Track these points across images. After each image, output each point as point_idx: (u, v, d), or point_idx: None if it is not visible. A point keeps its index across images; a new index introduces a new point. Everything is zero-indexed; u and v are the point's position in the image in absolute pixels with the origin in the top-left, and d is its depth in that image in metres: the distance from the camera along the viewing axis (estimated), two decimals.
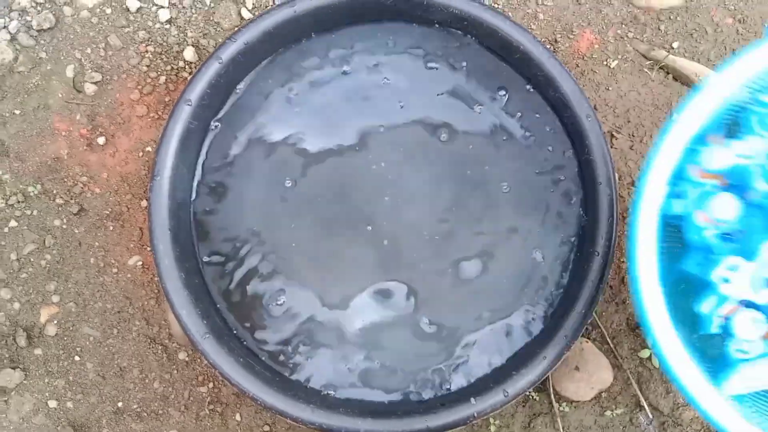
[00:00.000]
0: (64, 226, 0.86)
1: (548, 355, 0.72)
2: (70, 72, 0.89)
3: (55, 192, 0.87)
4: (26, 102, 0.88)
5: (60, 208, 0.86)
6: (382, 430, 0.69)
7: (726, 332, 0.58)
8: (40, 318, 0.84)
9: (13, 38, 0.89)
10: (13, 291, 0.84)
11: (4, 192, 0.86)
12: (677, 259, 0.63)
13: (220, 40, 0.90)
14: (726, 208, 0.59)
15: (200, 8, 0.92)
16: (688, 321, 0.59)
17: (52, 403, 0.82)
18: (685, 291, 0.62)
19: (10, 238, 0.85)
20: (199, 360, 0.84)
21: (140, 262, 0.86)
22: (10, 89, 0.88)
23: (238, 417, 0.83)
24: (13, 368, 0.82)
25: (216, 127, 0.80)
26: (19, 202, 0.86)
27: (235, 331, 0.76)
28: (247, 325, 0.76)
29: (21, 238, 0.85)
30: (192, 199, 0.79)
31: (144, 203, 0.87)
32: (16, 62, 0.89)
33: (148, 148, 0.88)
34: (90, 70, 0.90)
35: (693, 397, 0.54)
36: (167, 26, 0.92)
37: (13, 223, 0.85)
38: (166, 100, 0.90)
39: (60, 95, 0.89)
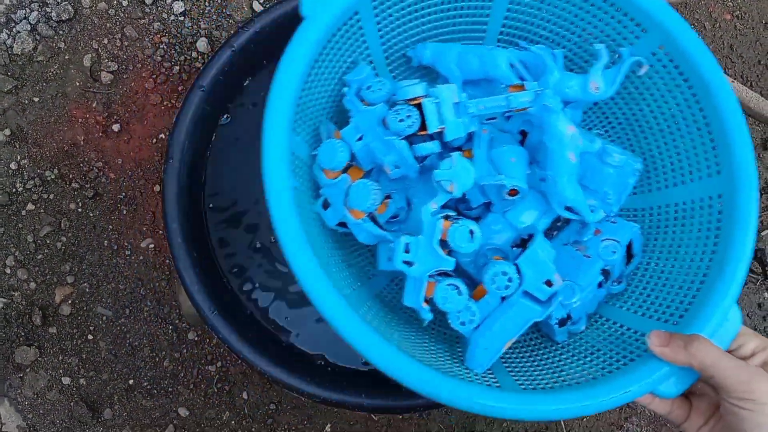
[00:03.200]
0: (80, 210, 0.89)
1: None
2: (87, 61, 0.93)
3: (71, 177, 0.90)
4: (45, 90, 0.91)
5: (76, 193, 0.89)
6: (386, 404, 0.71)
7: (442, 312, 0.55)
8: (55, 298, 0.87)
9: (33, 28, 0.92)
10: (29, 272, 0.87)
11: (22, 176, 0.89)
12: (376, 266, 0.62)
13: (233, 32, 0.94)
14: (365, 195, 0.56)
15: (213, 0, 0.95)
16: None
17: (66, 380, 0.85)
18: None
19: (28, 220, 0.88)
20: (208, 339, 0.86)
21: (152, 245, 0.88)
22: (30, 77, 0.92)
23: (245, 395, 0.85)
24: (29, 346, 0.85)
25: (226, 118, 0.83)
26: (36, 186, 0.89)
27: (243, 309, 0.78)
28: (256, 302, 0.79)
29: (38, 221, 0.88)
30: (203, 181, 0.81)
31: (157, 188, 0.90)
32: (35, 52, 0.92)
33: (162, 135, 0.91)
34: (106, 60, 0.93)
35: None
36: (181, 18, 0.95)
37: (30, 207, 0.88)
38: (180, 89, 0.93)
39: (77, 84, 0.92)
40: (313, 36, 0.54)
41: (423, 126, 0.55)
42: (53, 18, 0.92)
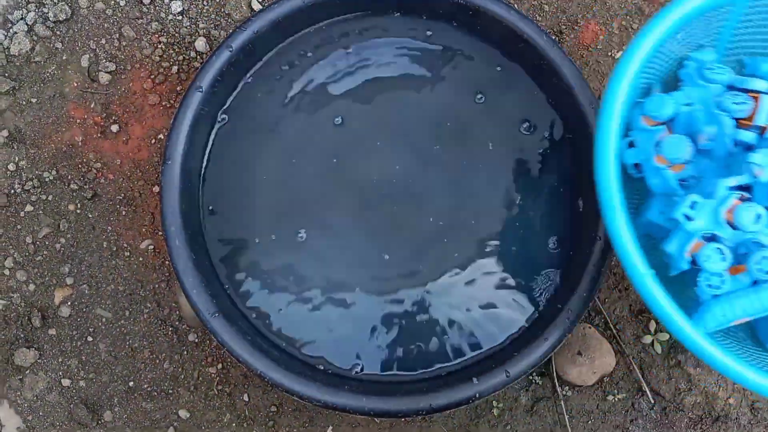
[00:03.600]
0: (78, 211, 0.88)
1: (550, 337, 0.73)
2: (85, 62, 0.92)
3: (69, 178, 0.89)
4: (42, 91, 0.91)
5: (74, 194, 0.89)
6: (386, 408, 0.71)
7: (696, 268, 0.63)
8: (55, 299, 0.86)
9: (30, 29, 0.92)
10: (28, 273, 0.86)
11: (21, 177, 0.88)
12: (640, 214, 0.71)
13: (231, 31, 0.93)
14: (678, 147, 0.65)
15: (212, 0, 0.94)
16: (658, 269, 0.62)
17: (66, 382, 0.84)
18: (650, 245, 0.68)
19: (26, 222, 0.88)
20: (208, 341, 0.86)
21: (152, 246, 0.88)
22: (27, 78, 0.91)
23: (246, 397, 0.85)
24: (28, 348, 0.84)
25: (223, 119, 0.82)
26: (34, 187, 0.88)
27: (243, 312, 0.77)
28: (256, 305, 0.78)
29: (36, 222, 0.88)
30: (201, 183, 0.81)
31: (156, 189, 0.89)
32: (33, 52, 0.91)
33: (160, 136, 0.91)
34: (104, 60, 0.92)
35: (682, 332, 0.58)
36: (179, 17, 0.94)
37: (29, 208, 0.88)
38: (178, 89, 0.92)
39: (75, 84, 0.91)
40: (685, 10, 0.61)
41: (750, 117, 0.64)
42: (50, 18, 0.92)
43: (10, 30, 0.91)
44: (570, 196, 0.82)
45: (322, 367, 0.76)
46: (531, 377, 0.87)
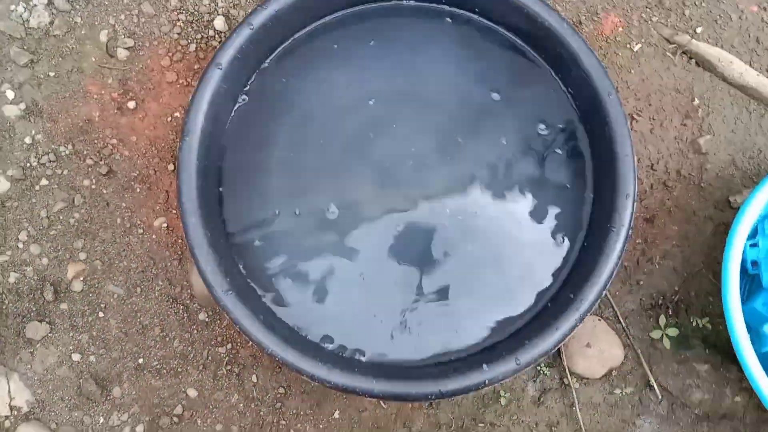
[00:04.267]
0: (93, 187, 0.88)
1: (561, 327, 0.73)
2: (103, 37, 0.92)
3: (85, 153, 0.89)
4: (60, 65, 0.91)
5: (90, 169, 0.89)
6: (396, 392, 0.71)
7: None
8: (67, 274, 0.86)
9: (50, 2, 0.91)
10: (42, 247, 0.87)
11: (37, 151, 0.89)
12: (747, 302, 0.82)
13: (250, 10, 0.92)
14: None
15: None
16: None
17: (76, 357, 0.85)
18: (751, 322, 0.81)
19: (41, 196, 0.88)
20: (218, 321, 0.86)
21: (165, 224, 0.88)
22: (46, 52, 0.91)
23: (254, 378, 0.85)
24: (40, 321, 0.85)
25: (244, 99, 0.82)
26: (50, 161, 0.88)
27: (256, 290, 0.77)
28: (268, 284, 0.78)
29: (51, 197, 0.88)
30: (220, 161, 0.80)
31: (170, 167, 0.89)
32: (52, 26, 0.91)
33: (177, 114, 0.91)
34: (123, 36, 0.92)
35: None
36: None
37: (44, 182, 0.88)
38: (196, 67, 0.92)
39: (93, 59, 0.91)
40: None
41: None
42: None
43: (30, 3, 0.91)
44: (582, 187, 0.82)
45: (333, 348, 0.76)
46: (539, 368, 0.87)
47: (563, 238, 0.81)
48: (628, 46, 0.95)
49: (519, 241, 0.80)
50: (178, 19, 0.93)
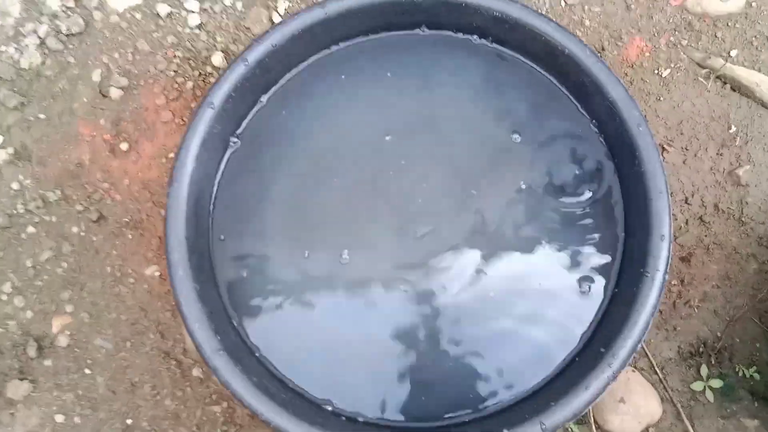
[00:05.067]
0: (83, 233, 0.83)
1: (591, 385, 0.64)
2: (96, 76, 0.87)
3: (75, 198, 0.84)
4: (51, 106, 0.86)
5: (79, 215, 0.84)
6: None
7: None
8: (52, 328, 0.80)
9: (42, 42, 0.88)
10: (27, 299, 0.81)
11: (24, 197, 0.84)
12: None
13: (248, 44, 0.87)
14: None
15: (231, 13, 0.90)
16: None
17: (59, 418, 0.78)
18: None
19: (28, 244, 0.83)
20: (214, 378, 0.79)
21: (158, 273, 0.82)
22: (37, 93, 0.87)
23: None
24: (22, 379, 0.79)
25: (235, 142, 0.77)
26: (38, 207, 0.83)
27: (250, 348, 0.70)
28: (265, 341, 0.71)
29: (38, 245, 0.83)
30: (211, 208, 0.74)
31: (163, 212, 0.83)
32: (43, 66, 0.87)
33: (172, 155, 0.85)
34: (117, 75, 0.88)
35: None
36: (197, 31, 0.89)
37: (31, 229, 0.83)
38: (192, 106, 0.87)
39: (85, 100, 0.87)
40: None
41: None
42: (63, 31, 0.88)
43: (21, 43, 0.88)
44: (612, 228, 0.74)
45: (333, 410, 0.68)
46: (567, 426, 0.79)
47: (589, 287, 0.72)
48: (656, 72, 0.88)
49: (541, 290, 0.72)
50: (175, 56, 0.89)
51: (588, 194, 0.75)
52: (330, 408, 0.68)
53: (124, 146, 0.86)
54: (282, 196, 0.76)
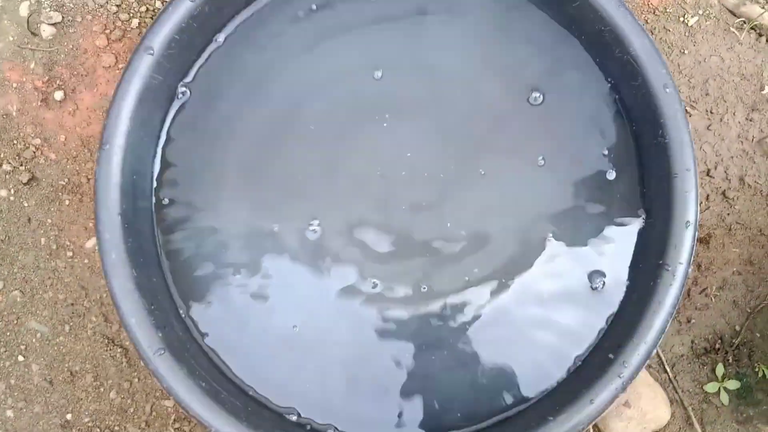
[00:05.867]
0: (12, 198, 0.72)
1: (597, 398, 0.55)
2: (24, 10, 0.74)
3: (2, 156, 0.72)
4: None
5: (7, 176, 0.72)
6: None
7: None
8: None
9: None
10: None
11: None
12: None
13: None
14: None
15: None
16: None
17: None
18: None
19: None
20: None
21: None
22: None
23: None
24: None
25: (184, 93, 0.64)
26: None
27: (200, 346, 0.60)
28: (219, 337, 0.61)
29: None
30: (153, 175, 0.63)
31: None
32: None
33: None
34: (48, 9, 0.74)
35: None
36: None
37: None
38: None
39: (11, 38, 0.73)
40: None
41: None
42: None
43: None
44: (625, 210, 0.63)
45: (297, 420, 0.59)
46: None
47: (602, 282, 0.62)
48: (681, 19, 0.76)
49: (545, 288, 0.62)
50: None
51: (601, 171, 0.64)
52: (294, 418, 0.59)
53: (58, 95, 0.73)
54: (241, 156, 0.64)
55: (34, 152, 0.72)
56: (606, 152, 0.64)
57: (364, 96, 0.65)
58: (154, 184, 0.63)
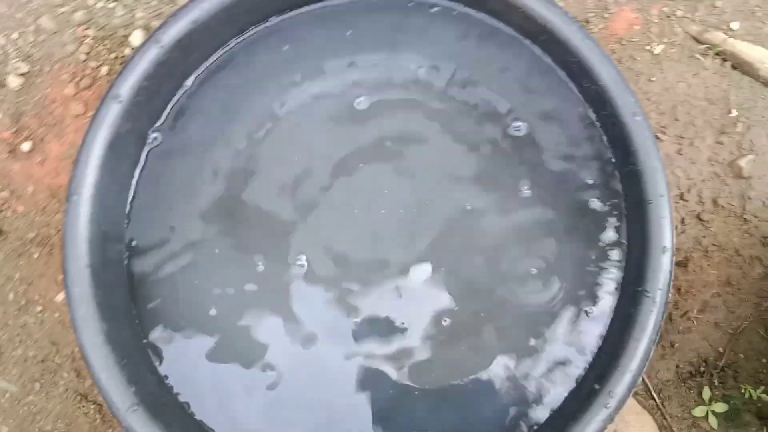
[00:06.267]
0: None
1: (584, 431, 0.54)
2: None
3: None
4: None
5: None
6: None
7: None
8: None
9: None
10: None
11: None
12: None
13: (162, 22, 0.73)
14: None
15: None
16: None
17: None
18: None
19: None
20: None
21: None
22: None
23: None
24: None
25: (155, 138, 0.63)
26: None
27: (179, 401, 0.58)
28: (197, 391, 0.59)
29: None
30: (124, 225, 0.61)
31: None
32: None
33: None
34: (15, 60, 0.73)
35: None
36: (111, 5, 0.75)
37: None
38: None
39: None
40: None
41: None
42: None
43: None
44: (604, 238, 0.63)
45: None
46: None
47: (585, 312, 0.62)
48: (647, 47, 0.77)
49: (523, 316, 0.61)
50: (86, 36, 0.74)
51: (587, 198, 0.64)
52: None
53: (26, 146, 0.72)
54: (217, 196, 0.63)
55: (2, 205, 0.71)
56: (590, 181, 0.64)
57: (340, 134, 0.64)
58: (125, 234, 0.61)
